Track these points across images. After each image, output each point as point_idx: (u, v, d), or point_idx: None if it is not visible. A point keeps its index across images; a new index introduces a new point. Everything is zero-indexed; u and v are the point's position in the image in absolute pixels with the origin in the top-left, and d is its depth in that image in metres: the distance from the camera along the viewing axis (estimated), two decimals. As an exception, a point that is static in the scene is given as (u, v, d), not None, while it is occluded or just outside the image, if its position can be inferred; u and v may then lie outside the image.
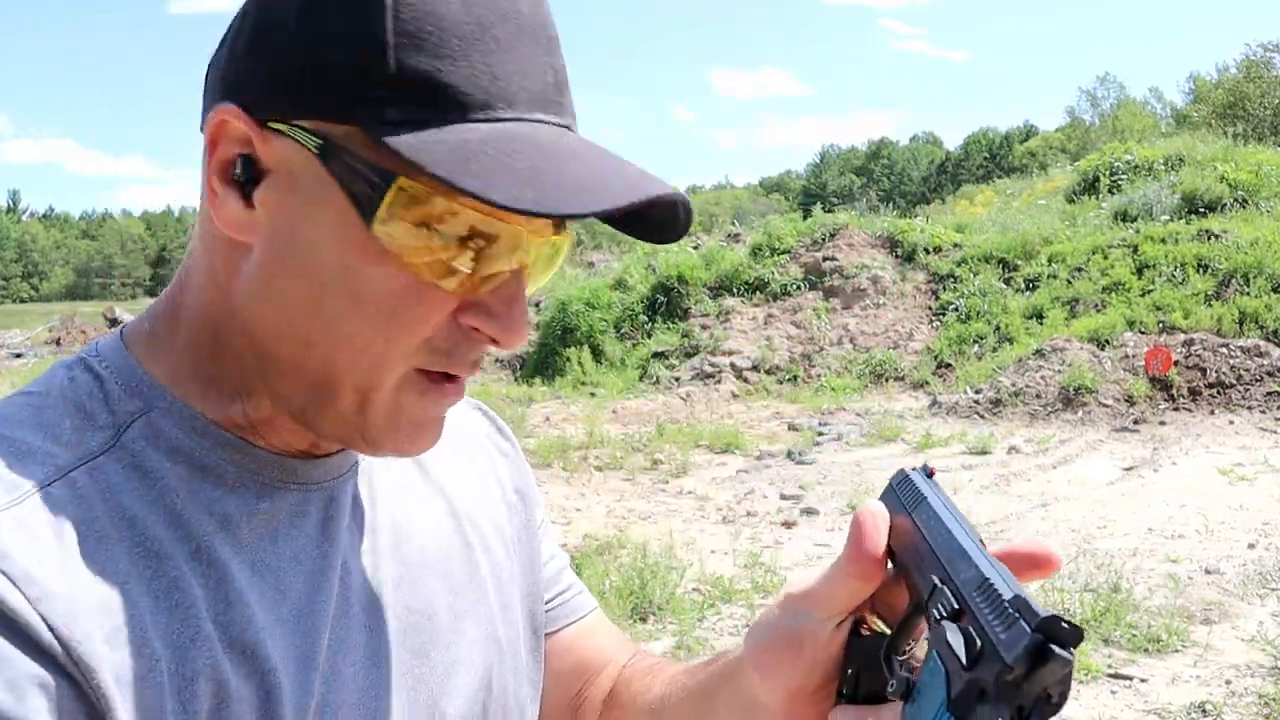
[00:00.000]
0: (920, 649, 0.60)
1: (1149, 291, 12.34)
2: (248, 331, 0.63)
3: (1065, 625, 0.45)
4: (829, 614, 0.62)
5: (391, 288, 0.59)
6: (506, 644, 0.79)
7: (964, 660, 0.48)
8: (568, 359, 14.38)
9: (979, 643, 0.48)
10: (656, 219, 0.63)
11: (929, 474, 0.64)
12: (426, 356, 0.62)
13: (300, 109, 0.58)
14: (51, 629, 0.53)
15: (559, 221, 0.63)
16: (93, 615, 0.55)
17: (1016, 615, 0.46)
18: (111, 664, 0.55)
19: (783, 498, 7.45)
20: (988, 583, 0.50)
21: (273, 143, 0.59)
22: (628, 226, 0.65)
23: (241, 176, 0.60)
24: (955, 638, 0.50)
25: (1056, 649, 0.44)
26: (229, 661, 0.60)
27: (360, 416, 0.63)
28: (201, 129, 0.63)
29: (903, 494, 0.64)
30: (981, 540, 0.56)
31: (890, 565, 0.61)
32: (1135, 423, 9.55)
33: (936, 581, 0.55)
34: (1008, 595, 0.48)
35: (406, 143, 0.56)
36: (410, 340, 0.61)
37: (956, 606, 0.52)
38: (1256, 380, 10.04)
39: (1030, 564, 0.56)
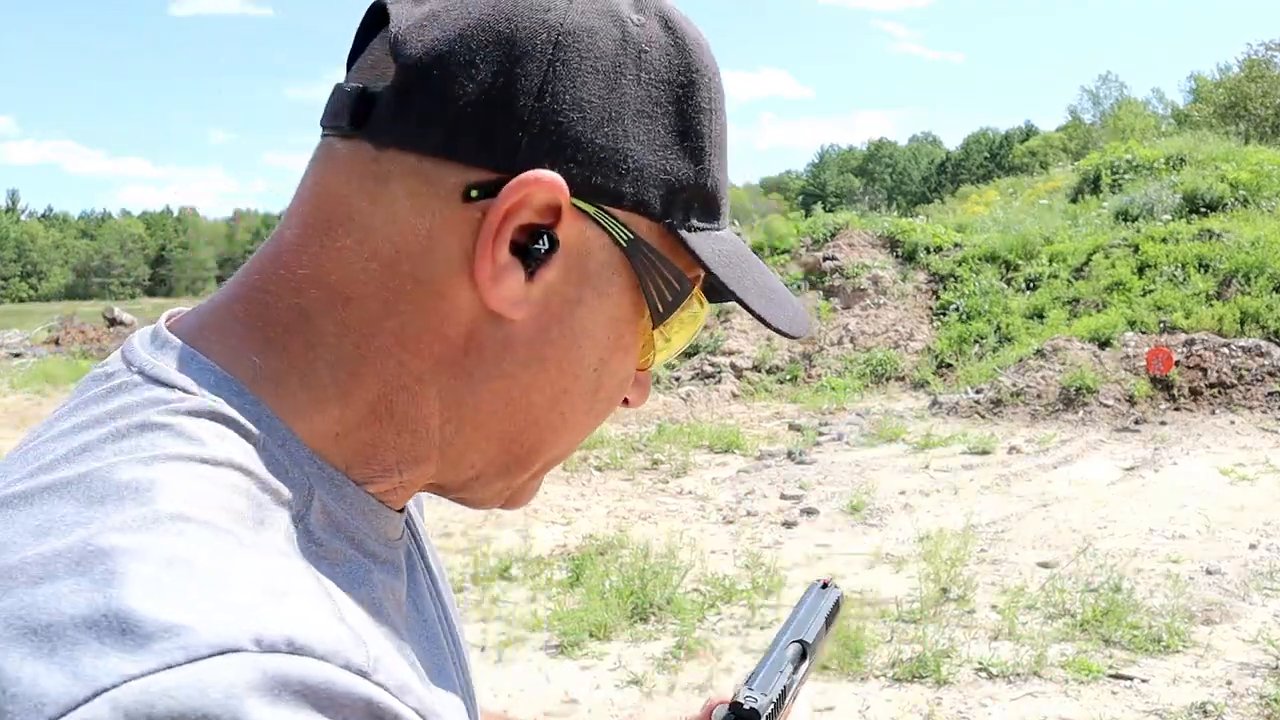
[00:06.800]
0: None
1: (1150, 291, 12.33)
2: (458, 404, 0.56)
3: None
4: None
5: (623, 377, 0.61)
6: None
7: None
8: (568, 359, 14.37)
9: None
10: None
11: (823, 585, 0.92)
12: None
13: (618, 198, 0.55)
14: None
15: None
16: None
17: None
18: None
19: (783, 498, 7.44)
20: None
21: (576, 223, 0.55)
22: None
23: (537, 250, 0.54)
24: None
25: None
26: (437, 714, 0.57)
27: (530, 482, 0.64)
28: (409, 144, 0.53)
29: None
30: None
31: None
32: (1136, 423, 9.54)
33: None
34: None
35: (707, 252, 0.58)
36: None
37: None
38: (1258, 380, 10.03)
39: None
